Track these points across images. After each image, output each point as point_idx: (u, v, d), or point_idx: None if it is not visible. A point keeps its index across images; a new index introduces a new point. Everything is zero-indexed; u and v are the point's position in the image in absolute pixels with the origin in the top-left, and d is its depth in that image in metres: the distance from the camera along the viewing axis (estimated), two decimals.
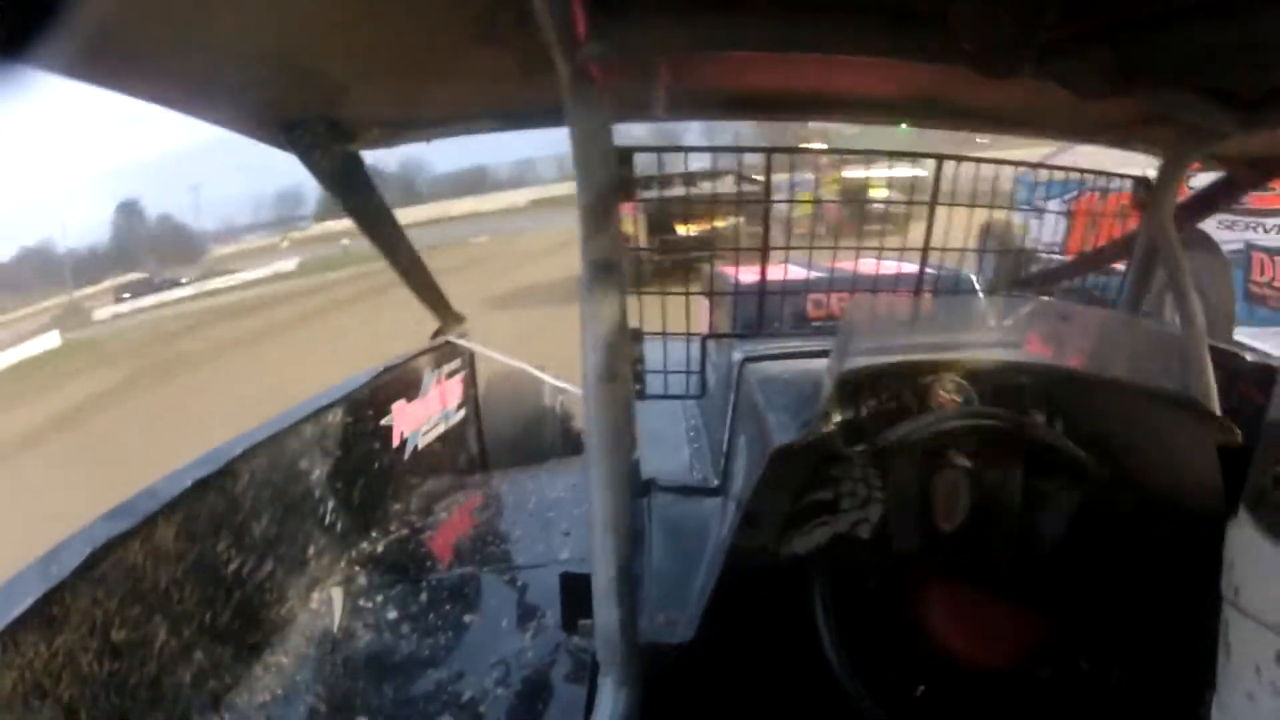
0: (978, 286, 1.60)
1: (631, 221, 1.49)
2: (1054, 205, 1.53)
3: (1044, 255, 1.78)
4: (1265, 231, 2.96)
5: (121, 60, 0.78)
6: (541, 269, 10.67)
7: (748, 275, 1.60)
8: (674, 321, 1.42)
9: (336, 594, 1.54)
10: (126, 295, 23.82)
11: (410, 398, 2.03)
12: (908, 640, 0.92)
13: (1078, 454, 0.92)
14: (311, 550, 1.56)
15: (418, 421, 2.08)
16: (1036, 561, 0.90)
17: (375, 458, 1.87)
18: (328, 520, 1.63)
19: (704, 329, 1.70)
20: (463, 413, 2.36)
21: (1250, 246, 3.05)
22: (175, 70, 0.87)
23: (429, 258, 1.89)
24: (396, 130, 1.30)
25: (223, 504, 1.29)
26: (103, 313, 22.43)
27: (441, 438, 2.21)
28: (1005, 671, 0.89)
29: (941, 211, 1.38)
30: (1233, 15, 0.70)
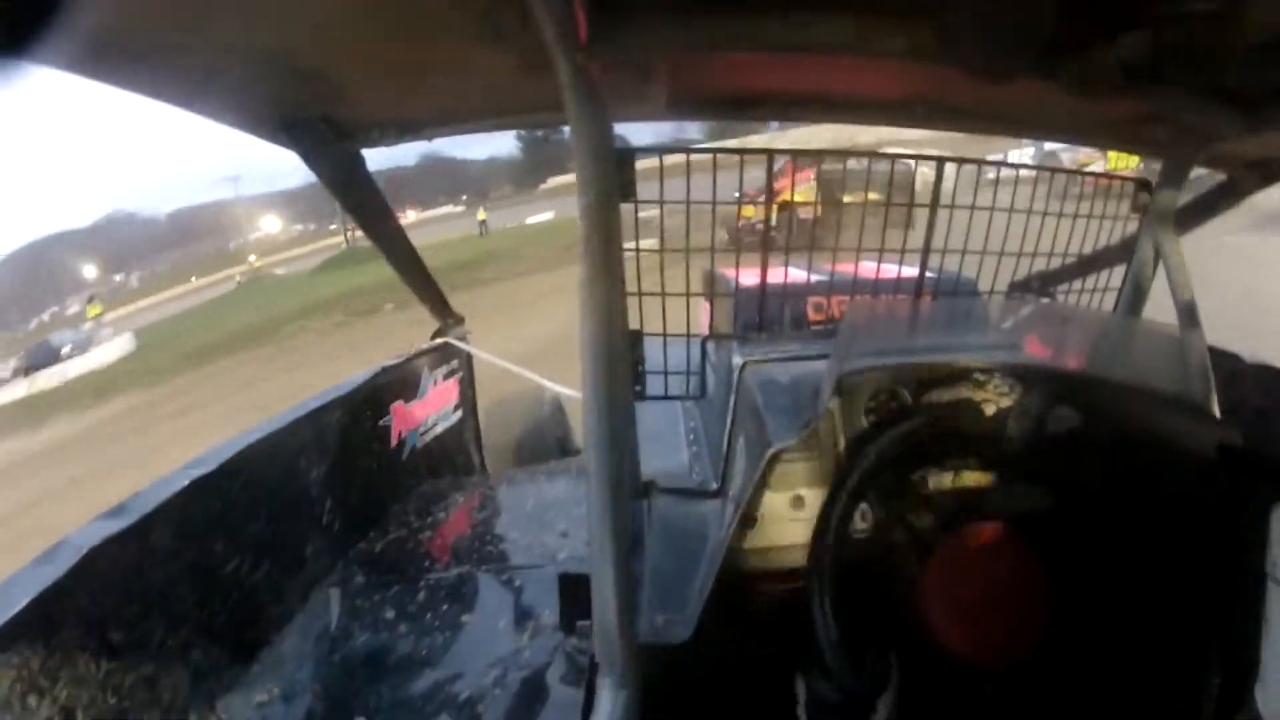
0: (978, 289, 1.60)
1: (807, 190, 1.48)
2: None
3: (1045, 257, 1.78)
4: None
5: (122, 57, 0.78)
6: None
7: (748, 277, 1.60)
8: (674, 323, 1.42)
9: (334, 594, 1.54)
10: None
11: (408, 398, 2.03)
12: (906, 640, 0.92)
13: (1075, 455, 0.92)
14: (309, 550, 1.55)
15: (416, 422, 2.08)
16: (1036, 560, 0.90)
17: (373, 458, 1.86)
18: (325, 520, 1.63)
19: (704, 330, 1.70)
20: (460, 413, 2.36)
21: None
22: (176, 67, 0.87)
23: None
24: (396, 129, 1.30)
25: (220, 503, 1.29)
26: None
27: (439, 438, 2.21)
28: (1003, 670, 0.89)
29: None
30: (1233, 15, 0.70)
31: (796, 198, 1.48)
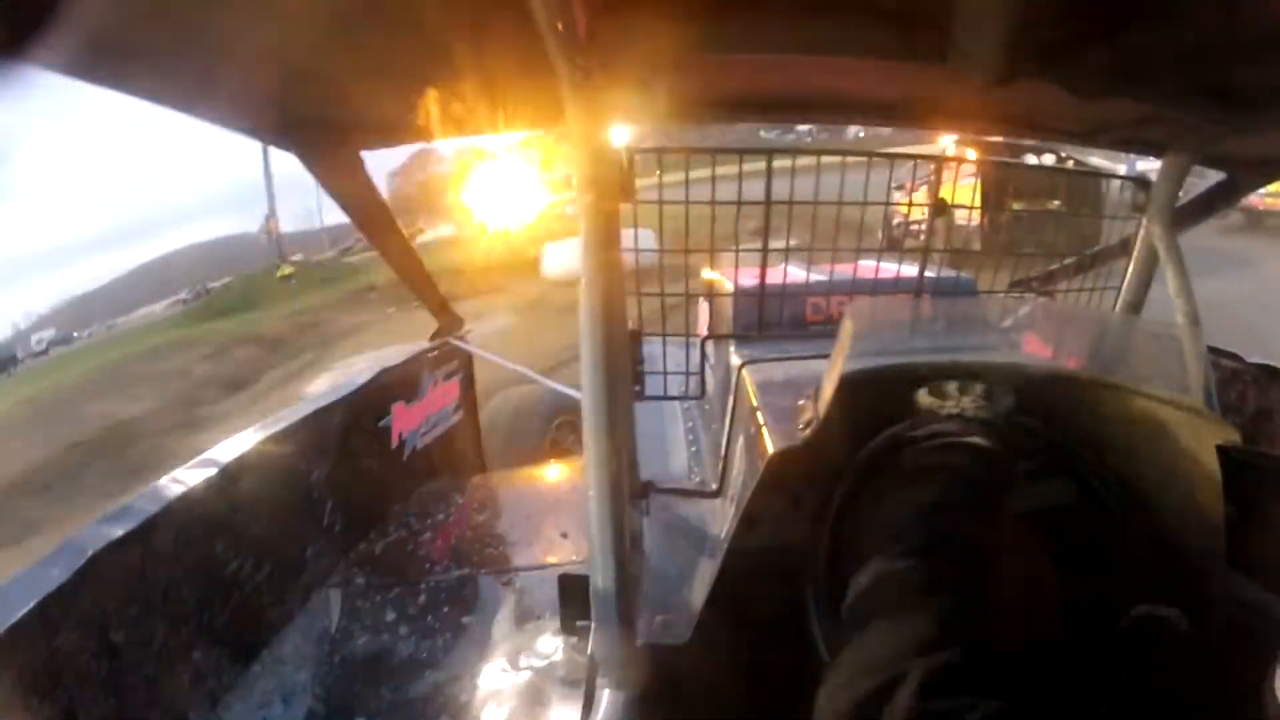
0: (978, 289, 1.60)
1: (971, 187, 1.41)
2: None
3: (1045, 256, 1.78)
4: None
5: (122, 60, 0.79)
6: None
7: (747, 277, 1.60)
8: (673, 323, 1.42)
9: (334, 595, 1.54)
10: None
11: (409, 399, 2.03)
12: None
13: (1076, 454, 0.92)
14: (310, 551, 1.55)
15: (416, 422, 2.08)
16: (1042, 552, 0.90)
17: (374, 459, 1.86)
18: (326, 521, 1.63)
19: (703, 331, 1.70)
20: (460, 414, 2.36)
21: None
22: (176, 70, 0.87)
23: None
24: (395, 131, 1.30)
25: (222, 505, 1.29)
26: None
27: (440, 439, 2.21)
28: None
29: None
30: (1233, 15, 0.70)
31: (957, 199, 1.42)
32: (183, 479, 1.23)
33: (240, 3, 0.74)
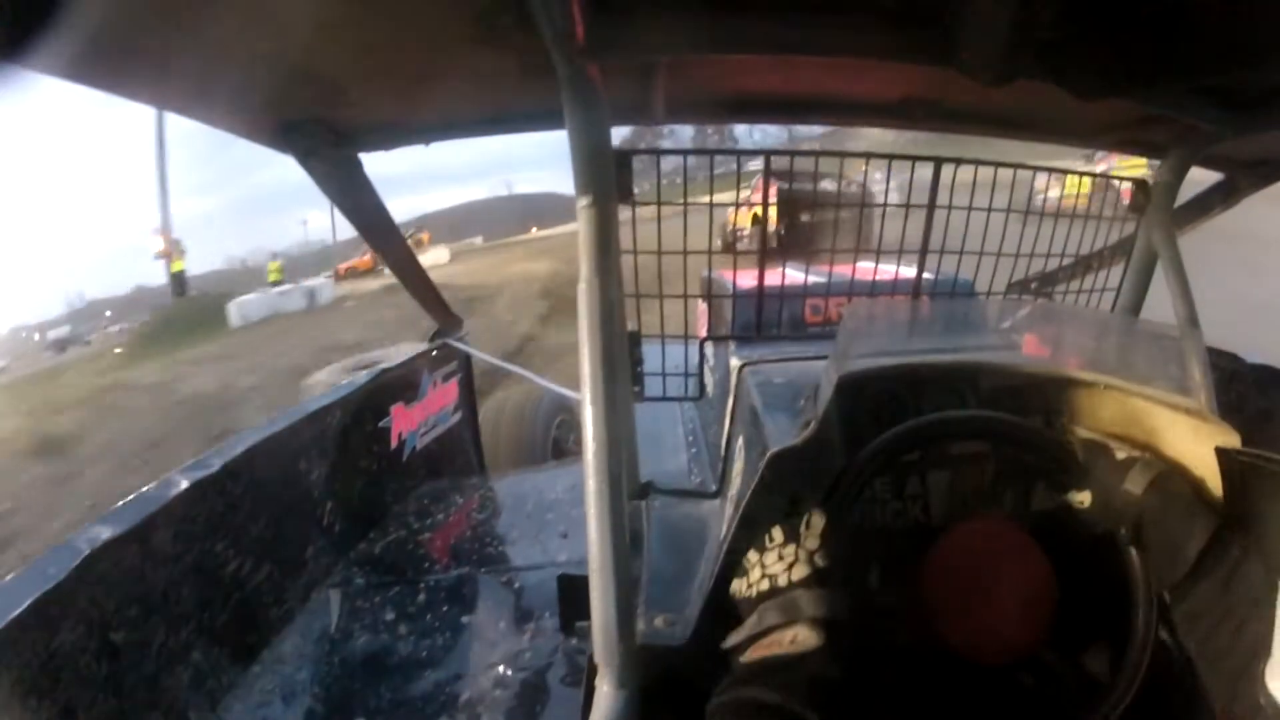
0: (976, 290, 1.60)
1: (760, 210, 1.52)
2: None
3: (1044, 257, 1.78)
4: None
5: (120, 62, 0.78)
6: None
7: (746, 279, 1.60)
8: (673, 324, 1.42)
9: (334, 595, 1.54)
10: None
11: (408, 400, 2.03)
12: (900, 638, 0.91)
13: (1076, 454, 0.92)
14: (309, 551, 1.55)
15: (415, 423, 2.08)
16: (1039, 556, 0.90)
17: (373, 459, 1.87)
18: (326, 521, 1.63)
19: (702, 332, 1.70)
20: (460, 414, 2.36)
21: None
22: (174, 72, 0.87)
23: None
24: (395, 133, 1.30)
25: (221, 505, 1.29)
26: None
27: (439, 439, 2.21)
28: (999, 670, 0.89)
29: None
30: (1232, 16, 0.71)
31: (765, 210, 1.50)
32: (183, 479, 1.23)
33: (238, 5, 0.74)
